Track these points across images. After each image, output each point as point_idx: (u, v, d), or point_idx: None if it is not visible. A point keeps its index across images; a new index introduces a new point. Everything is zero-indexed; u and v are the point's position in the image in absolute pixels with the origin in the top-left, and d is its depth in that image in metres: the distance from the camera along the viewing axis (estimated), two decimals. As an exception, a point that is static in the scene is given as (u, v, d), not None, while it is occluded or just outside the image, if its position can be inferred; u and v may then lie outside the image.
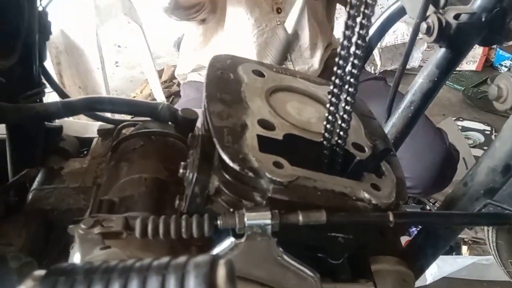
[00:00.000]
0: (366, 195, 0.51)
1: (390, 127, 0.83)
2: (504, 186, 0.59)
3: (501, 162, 0.57)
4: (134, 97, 2.52)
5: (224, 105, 0.56)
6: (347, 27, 0.48)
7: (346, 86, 0.52)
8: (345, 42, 0.49)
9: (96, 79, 1.87)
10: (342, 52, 0.50)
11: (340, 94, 0.53)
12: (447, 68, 0.75)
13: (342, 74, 0.51)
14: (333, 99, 0.53)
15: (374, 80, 1.52)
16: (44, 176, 0.69)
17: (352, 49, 0.49)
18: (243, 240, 0.48)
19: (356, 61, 0.50)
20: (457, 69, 3.13)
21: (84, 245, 0.44)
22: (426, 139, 1.34)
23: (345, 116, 0.53)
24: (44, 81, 0.71)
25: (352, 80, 0.51)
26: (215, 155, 0.51)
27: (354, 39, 0.49)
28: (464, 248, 1.62)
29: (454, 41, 0.71)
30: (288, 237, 0.52)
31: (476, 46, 0.80)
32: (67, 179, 0.69)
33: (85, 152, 0.79)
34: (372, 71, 2.83)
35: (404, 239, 1.21)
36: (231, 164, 0.47)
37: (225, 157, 0.48)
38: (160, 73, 2.61)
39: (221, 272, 0.26)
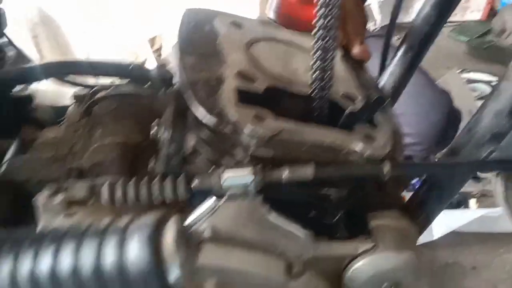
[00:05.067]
0: (359, 147, 0.46)
1: (385, 79, 0.77)
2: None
3: (507, 104, 0.52)
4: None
5: (198, 58, 0.50)
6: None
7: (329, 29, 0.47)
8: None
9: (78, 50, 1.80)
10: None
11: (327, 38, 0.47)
12: (444, 8, 0.68)
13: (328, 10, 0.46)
14: (320, 42, 0.47)
15: (373, 37, 1.47)
16: (16, 148, 0.65)
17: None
18: (223, 201, 0.44)
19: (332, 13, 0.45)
20: (461, 19, 3.01)
21: (46, 214, 0.39)
22: (431, 98, 1.34)
23: (329, 64, 0.48)
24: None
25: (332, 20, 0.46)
26: (190, 111, 0.46)
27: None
28: (472, 202, 1.58)
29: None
30: (276, 195, 0.48)
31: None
32: (40, 150, 0.64)
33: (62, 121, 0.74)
34: (372, 27, 2.72)
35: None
36: (206, 118, 0.43)
37: (199, 111, 0.43)
38: (152, 41, 2.53)
39: (169, 235, 0.22)
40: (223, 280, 0.51)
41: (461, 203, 1.60)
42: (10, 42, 0.65)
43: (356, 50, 0.64)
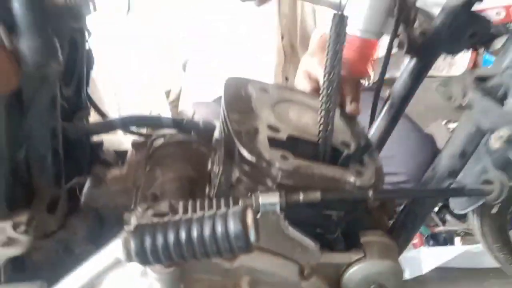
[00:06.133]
0: (352, 179, 0.66)
1: (375, 128, 0.98)
2: (463, 168, 0.74)
3: (459, 148, 0.73)
4: (144, 117, 2.68)
5: (240, 114, 0.71)
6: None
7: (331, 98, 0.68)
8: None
9: (111, 104, 2.04)
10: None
11: (329, 103, 0.69)
12: (418, 76, 0.91)
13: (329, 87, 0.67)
14: (324, 104, 0.68)
15: (368, 91, 1.70)
16: (92, 182, 0.85)
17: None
18: (258, 216, 0.63)
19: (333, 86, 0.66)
20: (447, 74, 3.30)
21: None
22: (418, 141, 1.53)
23: (331, 118, 0.69)
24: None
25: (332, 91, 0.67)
26: (236, 152, 0.67)
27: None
28: (457, 240, 1.75)
29: (422, 52, 0.86)
30: (293, 215, 0.67)
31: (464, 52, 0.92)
32: (111, 184, 0.84)
33: (120, 162, 0.94)
34: (367, 82, 2.99)
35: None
36: (249, 157, 0.63)
37: (244, 153, 0.63)
38: (167, 94, 2.78)
39: (249, 215, 0.41)
40: (254, 278, 0.69)
41: (447, 241, 1.77)
42: (90, 100, 0.86)
43: (349, 108, 0.86)
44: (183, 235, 0.41)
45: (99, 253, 0.48)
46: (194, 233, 0.41)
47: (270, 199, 0.62)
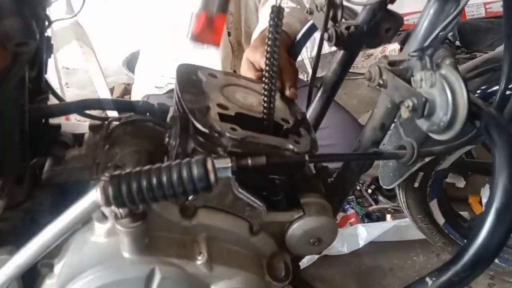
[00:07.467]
0: (291, 147, 0.78)
1: (310, 111, 1.12)
2: (384, 139, 0.89)
3: (379, 122, 0.87)
4: (88, 114, 2.67)
5: (192, 95, 0.81)
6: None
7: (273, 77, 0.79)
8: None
9: (55, 100, 2.04)
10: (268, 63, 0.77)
11: (271, 82, 0.80)
12: (345, 64, 1.05)
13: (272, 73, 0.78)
14: (267, 86, 0.79)
15: (306, 86, 1.85)
16: (51, 161, 0.90)
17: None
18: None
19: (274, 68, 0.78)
20: (378, 73, 3.58)
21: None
22: (354, 132, 1.69)
23: (272, 98, 0.80)
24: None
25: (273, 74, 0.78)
26: (190, 126, 0.76)
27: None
28: (388, 216, 1.95)
29: (347, 44, 1.00)
30: (243, 179, 0.78)
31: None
32: (71, 162, 0.90)
33: (77, 144, 1.00)
34: (305, 78, 3.18)
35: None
36: (203, 129, 0.72)
37: (198, 125, 0.73)
38: (111, 91, 2.79)
39: (209, 162, 0.51)
40: (210, 235, 0.79)
41: (380, 219, 1.97)
42: (48, 85, 0.91)
43: (287, 92, 0.98)
44: (154, 180, 0.50)
45: (78, 201, 0.55)
46: (164, 178, 0.50)
47: (223, 164, 0.72)
